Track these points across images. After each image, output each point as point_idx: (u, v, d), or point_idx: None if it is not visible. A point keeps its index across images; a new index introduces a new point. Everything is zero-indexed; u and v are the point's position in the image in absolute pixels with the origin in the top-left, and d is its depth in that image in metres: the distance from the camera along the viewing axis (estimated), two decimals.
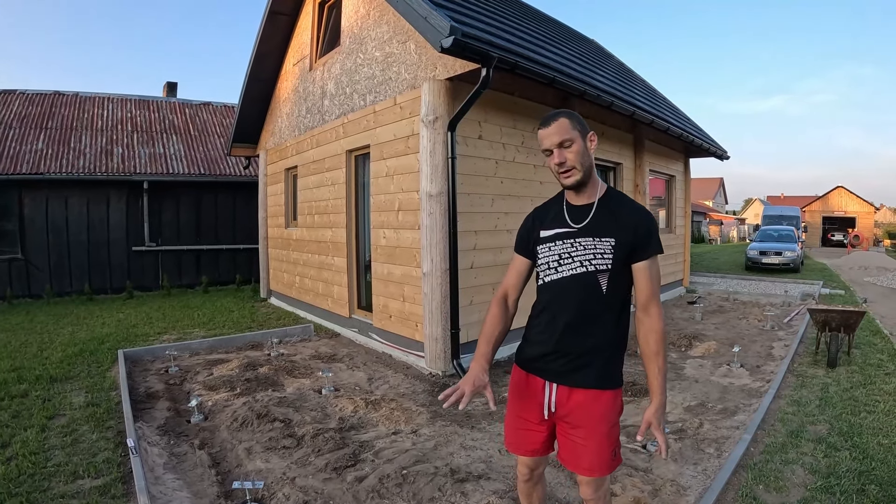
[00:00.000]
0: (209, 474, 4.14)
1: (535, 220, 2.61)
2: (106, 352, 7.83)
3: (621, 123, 10.18)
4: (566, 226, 2.46)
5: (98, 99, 17.03)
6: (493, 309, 2.61)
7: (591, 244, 2.40)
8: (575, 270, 2.41)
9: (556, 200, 2.60)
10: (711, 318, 10.31)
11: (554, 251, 2.46)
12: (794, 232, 23.63)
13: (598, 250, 2.39)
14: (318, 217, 9.88)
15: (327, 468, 4.16)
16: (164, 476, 4.13)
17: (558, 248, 2.45)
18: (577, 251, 2.41)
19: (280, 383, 6.31)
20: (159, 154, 15.44)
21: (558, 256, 2.44)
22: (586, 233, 2.42)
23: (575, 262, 2.41)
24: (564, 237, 2.45)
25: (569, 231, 2.45)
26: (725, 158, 14.73)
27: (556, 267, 2.44)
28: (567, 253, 2.42)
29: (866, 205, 45.81)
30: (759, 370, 6.82)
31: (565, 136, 2.36)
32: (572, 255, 2.41)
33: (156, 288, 14.86)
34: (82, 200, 14.01)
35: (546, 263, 2.48)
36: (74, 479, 4.04)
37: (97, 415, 5.33)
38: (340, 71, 8.91)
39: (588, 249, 2.39)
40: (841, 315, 7.10)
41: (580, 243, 2.41)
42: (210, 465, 4.30)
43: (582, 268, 2.39)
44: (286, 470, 4.17)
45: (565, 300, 2.43)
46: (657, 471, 4.13)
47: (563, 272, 2.43)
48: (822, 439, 4.65)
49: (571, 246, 2.42)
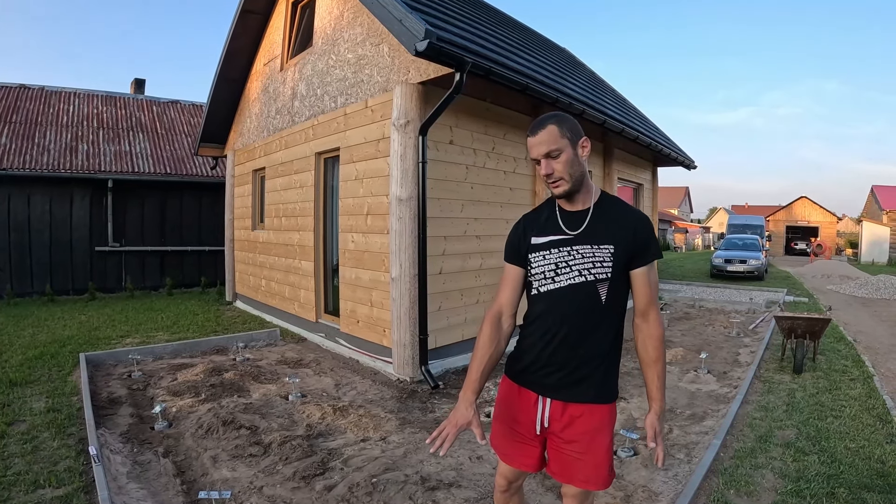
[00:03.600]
0: (174, 483, 4.03)
1: (526, 227, 2.47)
2: (67, 355, 7.62)
3: (592, 132, 10.10)
4: (561, 232, 2.35)
5: (64, 94, 16.67)
6: (487, 329, 2.43)
7: (590, 252, 2.29)
8: (573, 280, 2.29)
9: (548, 205, 2.48)
10: (678, 325, 10.39)
11: (550, 259, 2.34)
12: (758, 241, 23.97)
13: (598, 258, 2.29)
14: (285, 220, 9.77)
15: (295, 477, 4.08)
16: (127, 486, 3.99)
17: (554, 256, 2.33)
18: (574, 260, 2.30)
19: (246, 389, 6.19)
20: (125, 152, 15.15)
21: (555, 265, 2.32)
22: (583, 240, 2.31)
23: (573, 271, 2.30)
24: (560, 245, 2.33)
25: (564, 238, 2.34)
26: (692, 168, 14.87)
27: (553, 276, 2.32)
28: (564, 262, 2.31)
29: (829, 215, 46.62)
30: (726, 376, 6.90)
31: (553, 147, 2.24)
32: (570, 264, 2.30)
33: (119, 289, 14.55)
34: (45, 198, 13.64)
35: (541, 272, 2.35)
36: (35, 489, 3.88)
37: (58, 421, 5.16)
38: (312, 72, 8.82)
39: (586, 258, 2.29)
40: (807, 322, 7.19)
41: (577, 251, 2.30)
42: (175, 473, 4.19)
43: (581, 277, 2.29)
44: (253, 479, 4.08)
45: (562, 311, 2.31)
46: (628, 477, 4.14)
47: (561, 282, 2.31)
48: (790, 444, 4.71)
49: (568, 254, 2.31)
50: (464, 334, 7.42)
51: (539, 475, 3.99)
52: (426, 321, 6.60)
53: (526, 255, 2.41)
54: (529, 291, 2.44)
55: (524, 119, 8.33)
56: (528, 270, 2.41)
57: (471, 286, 7.54)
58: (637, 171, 13.23)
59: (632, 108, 14.62)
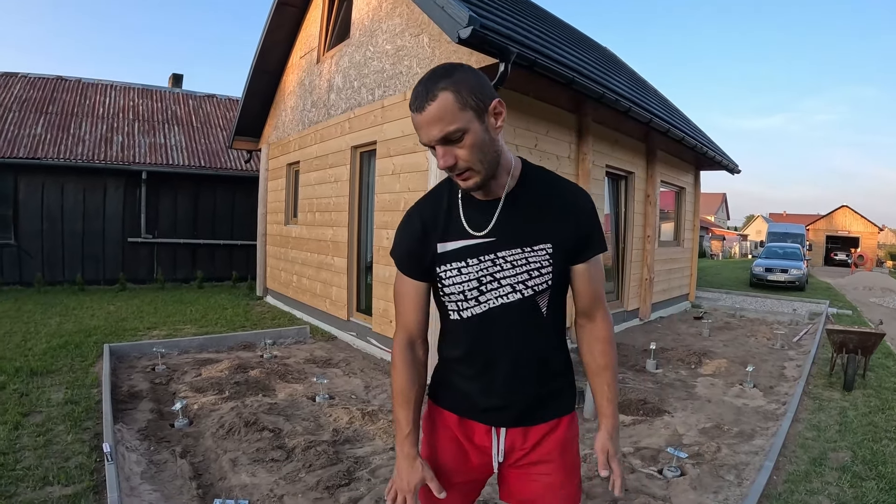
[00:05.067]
0: (189, 487, 3.78)
1: (425, 226, 1.76)
2: (92, 345, 7.50)
3: (635, 131, 9.89)
4: (471, 236, 1.71)
5: (100, 86, 16.74)
6: (402, 367, 1.83)
7: (521, 258, 1.70)
8: (506, 298, 1.72)
9: (447, 193, 1.81)
10: (719, 335, 10.07)
11: (468, 274, 1.71)
12: (799, 249, 23.46)
13: (532, 265, 1.71)
14: (318, 215, 9.60)
15: (319, 486, 3.81)
16: (140, 487, 3.75)
17: (473, 268, 1.71)
18: (502, 271, 1.70)
19: (271, 388, 5.98)
20: (160, 144, 15.15)
21: (477, 281, 1.71)
22: (509, 242, 1.70)
23: (503, 286, 1.71)
24: (478, 252, 1.71)
25: (481, 243, 1.71)
26: (736, 172, 14.45)
27: (477, 296, 1.72)
28: (488, 274, 1.71)
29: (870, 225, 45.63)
30: (772, 391, 6.58)
31: (451, 126, 1.52)
32: (496, 277, 1.71)
33: (150, 281, 14.55)
34: (79, 188, 13.69)
35: (459, 293, 1.73)
36: (43, 486, 3.68)
37: (75, 414, 4.97)
38: (349, 64, 8.63)
39: (518, 266, 1.70)
40: (859, 337, 6.87)
41: (504, 259, 1.70)
42: (191, 476, 3.93)
43: (515, 293, 1.72)
44: (273, 486, 3.82)
45: (499, 338, 1.76)
46: (676, 500, 3.84)
47: (489, 302, 1.73)
48: (846, 468, 4.40)
49: (493, 264, 1.70)
50: None
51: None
52: None
53: (431, 267, 1.76)
54: (444, 313, 1.85)
55: (567, 116, 8.06)
56: (439, 288, 1.79)
57: None
58: (679, 174, 12.86)
59: (674, 108, 14.23)
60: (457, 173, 1.61)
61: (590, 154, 8.38)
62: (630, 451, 4.63)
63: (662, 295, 12.03)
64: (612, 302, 10.27)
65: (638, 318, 11.03)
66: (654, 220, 10.98)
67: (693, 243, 14.20)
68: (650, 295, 11.12)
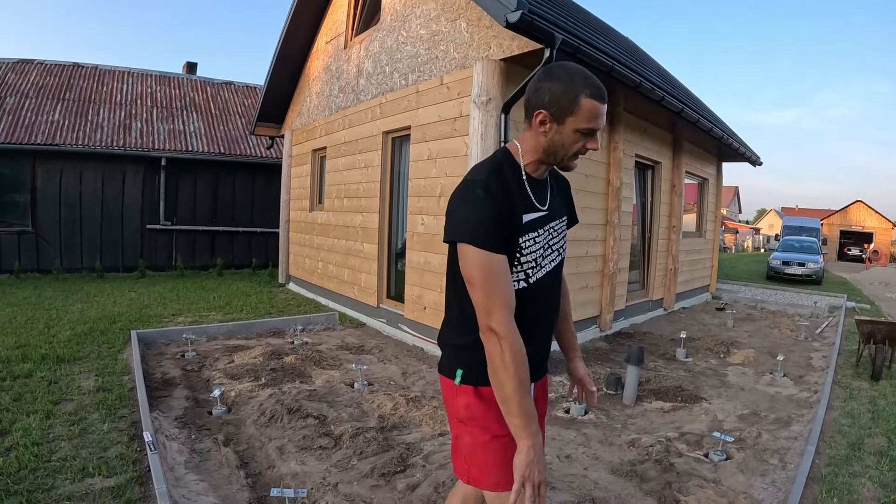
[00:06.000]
0: (237, 476, 3.72)
1: (509, 200, 1.85)
2: (117, 332, 7.47)
3: (663, 122, 9.87)
4: (537, 209, 1.93)
5: (118, 73, 16.70)
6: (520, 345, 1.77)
7: (560, 227, 2.07)
8: (554, 262, 2.03)
9: (510, 167, 1.94)
10: (743, 326, 10.10)
11: (539, 242, 1.94)
12: (816, 243, 23.37)
13: (564, 233, 2.10)
14: (347, 201, 9.56)
15: (374, 473, 3.77)
16: (185, 477, 3.68)
17: (542, 237, 1.95)
18: (552, 238, 2.01)
19: (308, 375, 5.95)
20: (179, 131, 15.12)
21: (542, 248, 1.95)
22: (554, 214, 2.02)
23: (553, 251, 2.03)
24: (542, 223, 1.95)
25: (543, 216, 1.96)
26: (758, 164, 14.36)
27: (541, 262, 1.96)
28: (546, 242, 1.97)
29: (885, 221, 45.24)
30: (802, 380, 6.63)
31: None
32: (551, 245, 2.01)
33: (169, 268, 14.56)
34: (97, 175, 13.67)
35: (533, 259, 1.92)
36: (83, 477, 3.56)
37: (108, 401, 4.89)
38: (380, 49, 8.57)
39: (559, 234, 2.05)
40: (888, 328, 6.99)
41: (553, 229, 2.01)
42: (238, 465, 3.87)
43: (559, 256, 2.06)
44: (326, 474, 3.78)
45: (546, 298, 2.03)
46: (726, 482, 3.89)
47: (546, 266, 1.98)
48: (883, 453, 4.48)
49: (548, 233, 1.98)
50: None
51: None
52: None
53: (515, 238, 1.86)
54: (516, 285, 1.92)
55: None
56: (515, 259, 1.88)
57: None
58: (703, 165, 12.81)
59: (698, 99, 14.15)
60: (578, 157, 1.93)
61: (620, 143, 8.36)
62: (675, 435, 4.67)
63: (685, 286, 12.01)
64: (638, 292, 10.28)
65: (662, 308, 11.04)
66: (680, 210, 10.94)
67: (714, 235, 14.15)
68: (674, 285, 11.10)
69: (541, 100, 1.84)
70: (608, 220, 8.44)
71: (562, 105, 1.81)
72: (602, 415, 5.20)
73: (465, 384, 1.96)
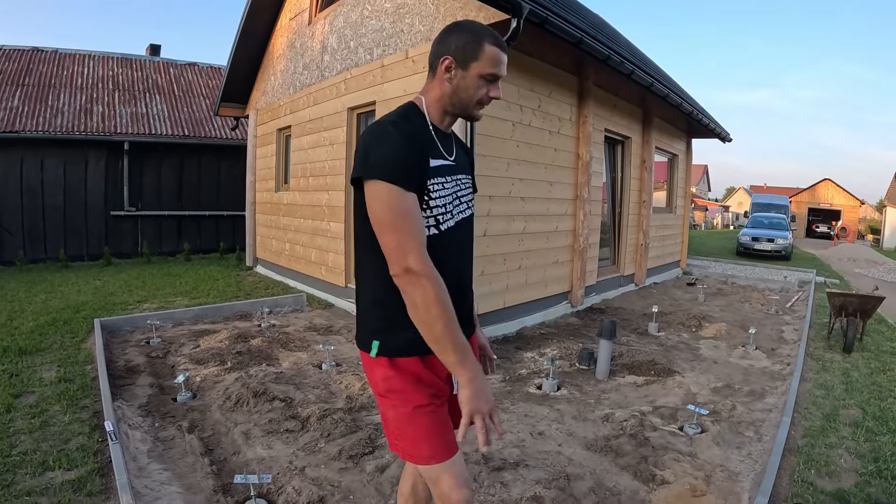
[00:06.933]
0: (202, 463, 3.59)
1: (420, 140, 1.85)
2: (81, 321, 7.24)
3: (633, 96, 9.85)
4: (444, 157, 1.92)
5: (78, 56, 16.24)
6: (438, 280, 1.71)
7: (466, 182, 2.03)
8: (464, 213, 1.99)
9: (417, 116, 1.92)
10: (714, 300, 10.19)
11: (448, 188, 1.90)
12: (785, 220, 23.66)
13: (470, 188, 2.08)
14: (312, 180, 9.39)
15: (342, 456, 3.68)
16: (149, 466, 3.56)
17: (450, 184, 1.91)
18: (461, 190, 1.98)
19: (275, 357, 5.84)
20: (141, 114, 14.75)
21: (451, 196, 1.91)
22: (460, 168, 2.00)
23: (462, 202, 1.99)
24: (450, 171, 1.93)
25: (450, 164, 1.93)
26: (728, 140, 14.43)
27: (452, 210, 1.91)
28: (455, 192, 1.94)
29: (852, 199, 46.00)
30: (774, 353, 6.72)
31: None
32: (459, 196, 1.96)
33: (135, 255, 14.21)
34: (59, 162, 13.24)
35: (443, 205, 1.88)
36: (44, 471, 3.44)
37: (70, 392, 4.73)
38: (344, 24, 8.39)
39: (466, 188, 2.02)
40: (859, 300, 7.06)
41: (460, 180, 1.98)
42: (203, 452, 3.75)
43: (469, 209, 2.03)
44: (293, 458, 3.68)
45: (461, 250, 2.00)
46: (702, 455, 3.90)
47: (458, 215, 1.95)
48: (859, 423, 4.55)
49: (456, 184, 1.95)
50: (505, 301, 7.13)
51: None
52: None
53: (423, 179, 1.82)
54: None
55: (569, 78, 7.99)
56: (424, 202, 1.82)
57: (514, 251, 7.22)
58: (673, 141, 12.83)
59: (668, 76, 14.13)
60: (483, 106, 1.93)
61: (590, 117, 8.31)
62: (649, 409, 4.66)
63: (656, 261, 12.07)
64: (609, 267, 10.29)
65: (633, 284, 11.08)
66: (650, 185, 10.95)
67: (685, 211, 14.22)
68: (645, 260, 11.12)
69: (447, 48, 1.87)
70: (578, 195, 8.40)
71: (467, 51, 1.84)
72: (575, 390, 5.15)
73: (381, 356, 1.89)
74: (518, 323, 7.37)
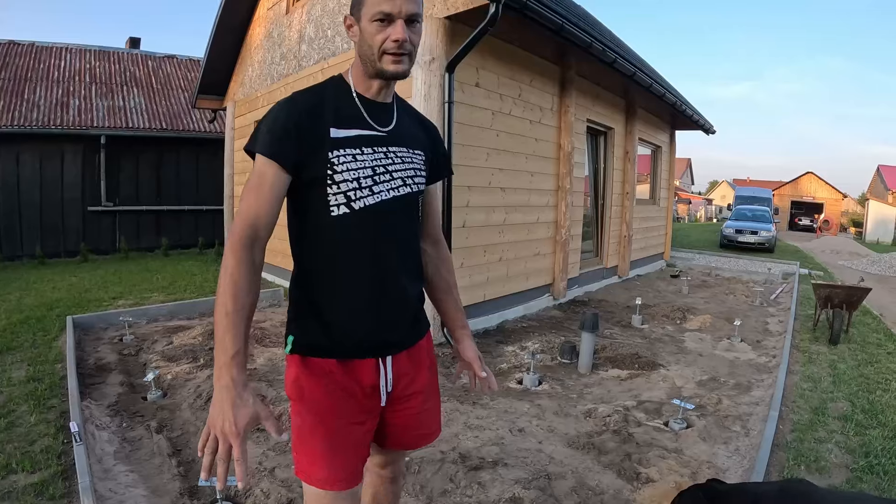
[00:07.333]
0: (170, 465, 3.45)
1: (311, 110, 1.63)
2: (54, 319, 7.08)
3: (616, 86, 9.77)
4: (369, 127, 1.70)
5: (55, 49, 16.00)
6: (236, 264, 1.50)
7: (408, 156, 1.77)
8: (397, 191, 1.71)
9: (336, 88, 1.73)
10: (698, 293, 10.16)
11: (363, 161, 1.65)
12: (768, 212, 23.76)
13: (416, 165, 1.80)
14: None
15: None
16: (114, 468, 3.42)
17: (368, 157, 1.66)
18: (392, 164, 1.72)
19: (249, 353, 5.64)
20: (119, 107, 14.54)
21: (371, 170, 1.66)
22: (397, 140, 1.76)
23: (395, 178, 1.71)
24: (373, 142, 1.69)
25: (377, 135, 1.71)
26: (712, 132, 14.43)
27: (371, 185, 1.65)
28: (382, 165, 1.69)
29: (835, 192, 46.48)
30: (760, 345, 6.67)
31: (419, 10, 1.63)
32: (389, 169, 1.70)
33: (113, 251, 14.01)
34: (35, 157, 13.03)
35: (353, 179, 1.62)
36: (7, 474, 3.30)
37: (38, 392, 4.58)
38: (321, 13, 8.22)
39: (406, 163, 1.76)
40: (845, 291, 7.03)
41: (394, 154, 1.73)
42: (170, 452, 3.60)
43: (406, 187, 1.74)
44: (262, 458, 3.54)
45: (388, 234, 1.71)
46: (689, 451, 3.79)
47: (382, 194, 1.67)
48: (847, 417, 4.47)
49: (385, 156, 1.71)
50: (486, 294, 7.01)
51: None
52: None
53: (317, 153, 1.60)
54: (323, 212, 1.63)
55: (551, 67, 7.91)
56: (327, 177, 1.60)
57: (494, 242, 7.10)
58: (656, 133, 12.81)
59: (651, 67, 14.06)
60: (398, 53, 1.61)
61: (572, 107, 8.23)
62: (633, 404, 4.57)
63: (639, 253, 12.04)
64: (592, 259, 10.22)
65: (617, 276, 11.03)
66: (633, 177, 10.90)
67: (668, 202, 14.22)
68: (628, 252, 11.08)
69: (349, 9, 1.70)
70: (560, 186, 8.30)
71: (355, 1, 1.65)
72: (557, 385, 5.05)
73: (294, 353, 1.69)
74: (499, 316, 7.26)
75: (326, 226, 1.63)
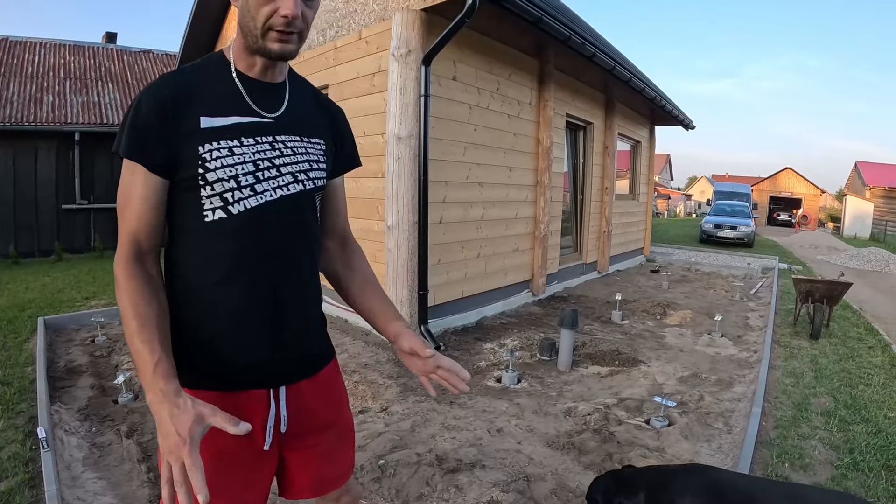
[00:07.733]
0: (139, 471, 3.32)
1: (177, 97, 1.35)
2: (26, 320, 6.90)
3: (595, 81, 9.72)
4: (251, 112, 1.42)
5: (29, 44, 15.65)
6: (133, 279, 1.31)
7: (300, 146, 1.50)
8: (286, 189, 1.44)
9: (215, 66, 1.45)
10: (678, 288, 10.17)
11: (242, 155, 1.38)
12: (747, 207, 24.01)
13: (311, 156, 1.52)
14: None
15: None
16: (83, 475, 3.31)
17: (248, 149, 1.39)
18: (280, 156, 1.45)
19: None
20: (93, 103, 14.26)
21: (253, 165, 1.39)
22: (287, 127, 1.49)
23: (283, 174, 1.44)
24: (255, 131, 1.42)
25: (260, 122, 1.43)
26: (691, 128, 14.42)
27: (253, 184, 1.39)
28: (266, 158, 1.42)
29: (813, 187, 46.85)
30: (741, 340, 6.67)
31: None
32: (275, 164, 1.43)
33: (87, 250, 13.73)
34: (8, 154, 12.71)
35: (231, 177, 1.36)
36: None
37: (7, 397, 4.43)
38: None
39: (298, 154, 1.49)
40: (826, 286, 7.02)
41: (283, 144, 1.46)
42: (140, 458, 3.46)
43: (297, 184, 1.47)
44: None
45: (277, 241, 1.45)
46: (670, 450, 3.73)
47: (267, 193, 1.41)
48: (830, 413, 4.45)
49: (271, 147, 1.43)
50: (464, 291, 6.93)
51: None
52: (426, 275, 6.00)
53: (185, 148, 1.34)
54: (196, 217, 1.38)
55: (529, 61, 7.80)
56: (198, 176, 1.34)
57: (471, 238, 7.00)
58: (636, 128, 12.79)
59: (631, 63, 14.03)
60: (287, 31, 1.34)
61: (551, 101, 8.14)
62: (613, 402, 4.51)
63: (619, 248, 12.04)
64: (572, 255, 10.17)
65: (597, 271, 11.01)
66: (612, 172, 10.86)
67: (648, 197, 14.24)
68: (608, 248, 11.07)
69: None
70: (538, 181, 8.22)
71: None
72: (536, 382, 4.98)
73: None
74: (477, 313, 7.18)
75: (200, 233, 1.39)
